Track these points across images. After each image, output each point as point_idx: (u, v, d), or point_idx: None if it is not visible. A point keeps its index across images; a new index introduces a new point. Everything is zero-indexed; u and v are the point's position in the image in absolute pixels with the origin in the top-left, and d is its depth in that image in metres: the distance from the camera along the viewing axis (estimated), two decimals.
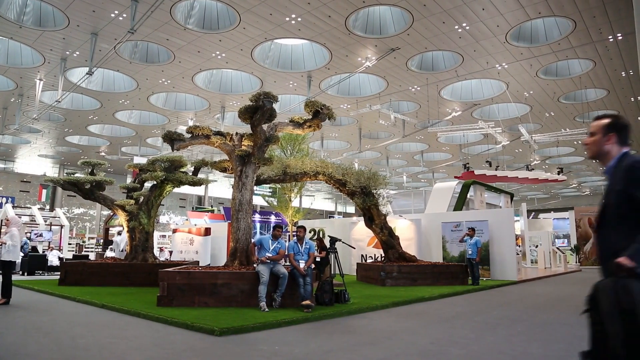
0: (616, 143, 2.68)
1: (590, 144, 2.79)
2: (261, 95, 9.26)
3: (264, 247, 8.42)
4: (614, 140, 2.67)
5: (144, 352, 5.15)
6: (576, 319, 7.54)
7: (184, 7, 15.70)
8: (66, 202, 41.92)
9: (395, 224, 16.01)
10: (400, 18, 16.18)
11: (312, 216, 50.58)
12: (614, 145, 2.67)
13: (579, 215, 27.35)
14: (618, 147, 2.68)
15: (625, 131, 2.70)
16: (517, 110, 24.79)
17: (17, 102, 23.38)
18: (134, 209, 13.48)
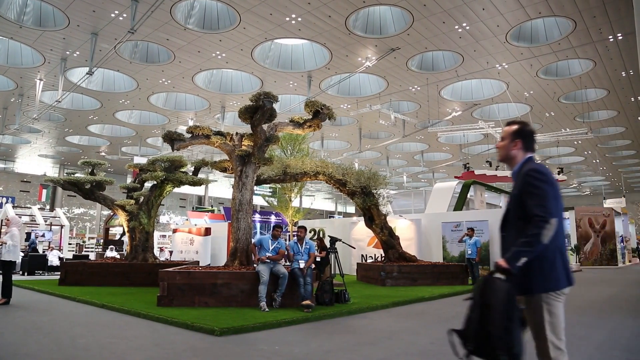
0: (521, 149, 2.90)
1: (500, 148, 3.00)
2: (261, 95, 9.26)
3: (264, 247, 8.44)
4: (520, 146, 2.90)
5: (144, 352, 5.15)
6: (576, 319, 7.54)
7: (184, 7, 15.70)
8: (66, 202, 41.93)
9: (396, 224, 16.00)
10: (400, 18, 16.18)
11: (312, 216, 50.56)
12: (519, 150, 2.90)
13: (579, 215, 27.33)
14: (523, 153, 2.90)
15: (530, 138, 2.92)
16: (517, 110, 24.79)
17: (17, 102, 23.39)
18: (134, 209, 13.48)
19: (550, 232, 2.58)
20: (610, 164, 39.21)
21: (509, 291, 2.53)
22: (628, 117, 25.79)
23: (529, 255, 2.57)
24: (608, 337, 6.14)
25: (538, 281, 2.65)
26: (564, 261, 2.71)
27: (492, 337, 2.47)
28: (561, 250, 2.72)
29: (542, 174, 2.71)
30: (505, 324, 2.48)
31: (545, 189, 2.67)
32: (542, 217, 2.59)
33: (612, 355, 5.14)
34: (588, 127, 24.84)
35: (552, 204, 2.65)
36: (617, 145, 32.87)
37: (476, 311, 2.58)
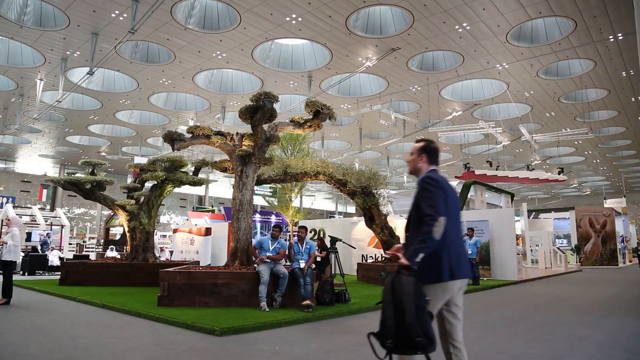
0: (426, 162, 3.32)
1: (409, 161, 3.44)
2: (262, 95, 9.25)
3: (264, 248, 8.44)
4: (425, 159, 3.32)
5: (145, 352, 5.15)
6: (577, 319, 7.54)
7: (185, 7, 15.70)
8: (67, 202, 41.95)
9: (396, 224, 15.99)
10: (400, 18, 16.18)
11: (313, 216, 50.55)
12: (424, 163, 3.32)
13: (579, 215, 27.32)
14: (428, 165, 3.31)
15: (434, 153, 3.35)
16: (518, 110, 24.78)
17: (17, 102, 23.40)
18: (134, 209, 13.48)
19: (440, 229, 2.91)
20: (611, 164, 39.20)
21: (415, 283, 2.81)
22: (628, 117, 25.78)
23: (426, 251, 2.88)
24: (608, 337, 6.13)
25: (425, 273, 2.95)
26: (450, 257, 3.02)
27: (408, 326, 2.71)
28: (449, 246, 3.03)
29: (435, 181, 3.12)
30: (417, 312, 2.74)
31: (435, 193, 3.05)
32: (432, 216, 2.93)
33: (613, 355, 5.14)
34: (588, 127, 24.82)
35: (441, 205, 2.99)
36: (617, 145, 32.86)
37: (389, 308, 2.82)
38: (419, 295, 2.80)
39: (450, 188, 3.19)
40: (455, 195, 3.23)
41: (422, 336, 2.71)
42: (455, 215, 3.16)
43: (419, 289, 2.82)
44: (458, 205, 3.26)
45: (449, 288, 3.03)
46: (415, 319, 2.73)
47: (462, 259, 3.14)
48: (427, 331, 2.74)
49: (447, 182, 3.21)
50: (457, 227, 3.17)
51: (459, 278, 3.06)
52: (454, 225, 3.11)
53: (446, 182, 3.19)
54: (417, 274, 2.86)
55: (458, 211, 3.22)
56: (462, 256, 3.15)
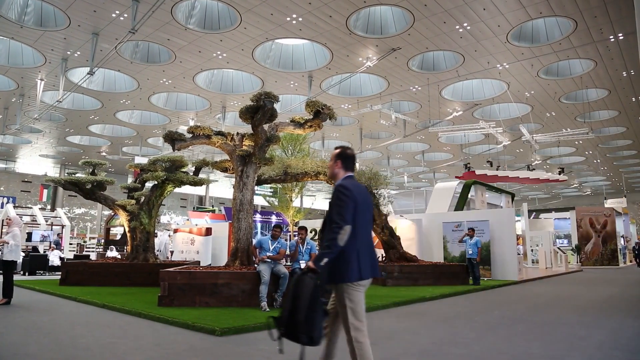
0: (342, 168, 3.53)
1: (329, 167, 3.69)
2: (262, 95, 9.25)
3: (264, 248, 8.44)
4: (340, 165, 3.53)
5: (145, 352, 5.15)
6: (577, 319, 7.53)
7: (185, 7, 15.71)
8: (67, 202, 41.97)
9: (396, 224, 16.01)
10: (401, 18, 16.17)
11: (313, 216, 50.53)
12: (340, 169, 3.53)
13: (580, 215, 27.32)
14: (344, 171, 3.53)
15: (349, 159, 3.55)
16: (518, 110, 24.77)
17: (18, 102, 23.41)
18: (135, 209, 13.48)
19: (344, 236, 3.21)
20: (611, 164, 39.18)
21: (314, 287, 3.11)
22: (629, 117, 25.77)
23: (330, 256, 3.18)
24: (609, 337, 6.13)
25: (337, 274, 3.25)
26: (358, 259, 3.29)
27: (297, 322, 3.07)
28: (358, 249, 3.30)
29: (347, 189, 3.34)
30: (308, 313, 3.06)
31: (345, 201, 3.28)
32: (338, 224, 3.22)
33: (613, 355, 5.13)
34: (589, 127, 24.81)
35: (348, 214, 3.26)
36: (618, 145, 32.85)
37: (289, 302, 3.15)
38: (315, 298, 3.10)
39: (362, 195, 3.42)
40: (366, 201, 3.48)
41: (305, 335, 3.09)
42: (365, 220, 3.43)
43: (316, 292, 3.12)
44: (370, 210, 3.52)
45: (361, 287, 3.32)
46: (304, 318, 3.08)
47: (369, 260, 3.40)
48: (311, 331, 3.11)
49: (360, 189, 3.47)
50: (366, 231, 3.47)
51: (367, 278, 3.34)
52: (363, 230, 3.40)
53: (359, 189, 3.44)
54: (328, 275, 3.22)
55: (368, 216, 3.49)
56: (368, 257, 3.40)
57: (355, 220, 3.30)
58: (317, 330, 3.14)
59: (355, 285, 3.28)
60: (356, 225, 3.30)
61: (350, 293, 3.26)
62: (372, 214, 3.62)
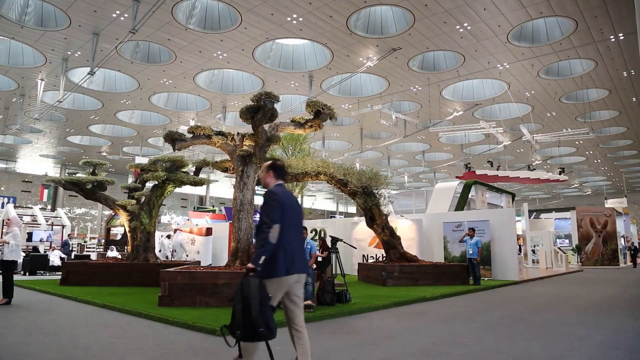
0: (274, 177, 3.98)
1: (261, 177, 4.11)
2: (262, 95, 9.26)
3: None
4: (272, 175, 3.98)
5: (145, 352, 5.16)
6: (577, 319, 7.53)
7: (185, 7, 15.71)
8: (68, 202, 41.98)
9: (397, 224, 16.00)
10: (401, 18, 16.17)
11: (314, 216, 50.59)
12: (272, 178, 3.98)
13: (580, 215, 27.30)
14: (275, 180, 3.98)
15: (279, 170, 4.02)
16: (519, 110, 24.76)
17: (18, 102, 23.41)
18: (135, 209, 13.49)
19: (275, 234, 3.61)
20: (612, 164, 39.17)
21: (260, 283, 3.46)
22: (629, 117, 25.76)
23: (266, 254, 3.54)
24: (609, 337, 6.13)
25: (265, 270, 3.57)
26: (285, 255, 3.68)
27: (253, 319, 3.36)
28: (285, 247, 3.69)
29: (275, 194, 3.80)
30: (260, 307, 3.39)
31: (272, 205, 3.71)
32: (267, 224, 3.61)
33: (614, 355, 5.13)
34: (589, 127, 24.79)
35: (276, 215, 3.66)
36: (618, 146, 32.84)
37: (239, 305, 3.46)
38: (263, 293, 3.46)
39: (289, 200, 3.86)
40: (293, 204, 3.91)
41: (264, 327, 3.37)
42: (293, 221, 3.83)
43: (262, 288, 3.49)
44: (298, 213, 3.94)
45: (285, 281, 3.69)
46: (259, 314, 3.38)
47: (297, 257, 3.80)
48: (268, 323, 3.41)
49: (288, 195, 3.91)
50: (293, 230, 3.83)
51: (294, 273, 3.72)
52: (291, 229, 3.78)
53: (286, 195, 3.88)
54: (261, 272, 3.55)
55: (296, 217, 3.90)
56: (296, 255, 3.80)
57: (282, 221, 3.70)
58: (271, 321, 3.46)
59: (281, 280, 3.67)
60: (283, 226, 3.70)
61: (270, 287, 3.61)
62: (301, 217, 4.04)
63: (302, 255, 3.94)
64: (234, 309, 3.51)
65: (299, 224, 3.98)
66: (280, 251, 3.67)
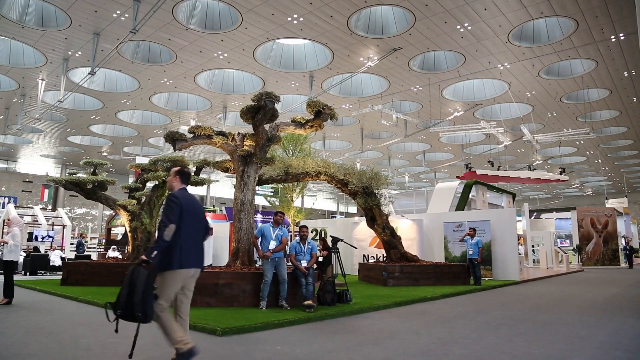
0: (179, 182, 4.44)
1: (168, 181, 4.62)
2: (263, 95, 9.25)
3: (266, 236, 8.33)
4: (178, 180, 4.43)
5: (146, 352, 5.16)
6: (578, 319, 7.53)
7: (186, 7, 15.72)
8: (68, 202, 41.98)
9: (397, 224, 15.99)
10: (402, 18, 16.17)
11: (314, 216, 50.56)
12: (178, 182, 4.43)
13: (581, 215, 27.28)
14: (179, 184, 4.43)
15: (185, 176, 4.48)
16: (519, 110, 24.76)
17: (19, 102, 23.44)
18: (136, 209, 13.49)
19: (170, 233, 4.05)
20: (612, 164, 39.15)
21: (148, 275, 3.92)
22: (630, 117, 25.75)
23: (158, 249, 4.01)
24: (610, 337, 6.13)
25: (162, 263, 4.08)
26: (180, 252, 4.14)
27: (134, 304, 3.82)
28: (181, 244, 4.15)
29: (176, 197, 4.25)
30: (143, 296, 3.84)
31: (172, 207, 4.16)
32: (165, 224, 4.08)
33: (615, 355, 5.13)
34: (590, 127, 24.80)
35: (174, 216, 4.12)
36: (619, 145, 32.84)
37: (126, 289, 3.87)
38: (148, 284, 3.91)
39: (189, 203, 4.30)
40: (194, 207, 4.36)
41: (141, 312, 3.84)
42: (191, 222, 4.28)
43: (149, 279, 3.93)
44: (198, 214, 4.40)
45: (179, 274, 4.15)
46: (140, 300, 3.83)
47: (192, 254, 4.28)
48: (146, 309, 3.87)
49: (189, 198, 4.36)
50: (192, 229, 4.28)
51: (187, 267, 4.21)
52: (189, 229, 4.23)
53: (187, 198, 4.33)
54: (157, 265, 4.04)
55: (195, 219, 4.34)
56: (192, 251, 4.27)
57: (180, 222, 4.15)
58: (149, 308, 3.91)
59: (173, 273, 4.12)
60: (181, 226, 4.15)
61: (167, 278, 4.09)
62: (201, 218, 4.49)
63: (199, 252, 4.43)
64: (121, 291, 3.90)
65: (199, 224, 4.41)
66: (176, 248, 4.12)
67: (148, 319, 3.94)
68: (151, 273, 3.99)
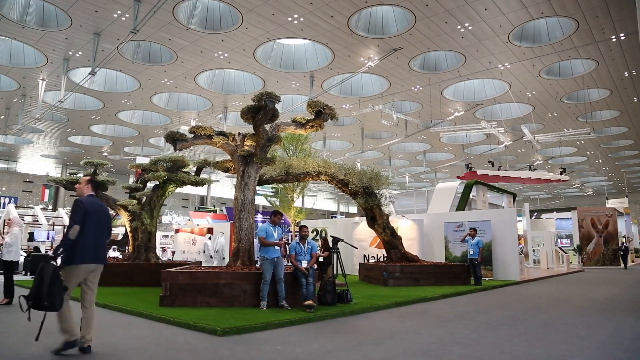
0: (90, 189, 5.21)
1: (78, 188, 5.28)
2: (263, 95, 9.26)
3: (270, 235, 8.39)
4: (89, 187, 5.22)
5: (146, 352, 5.16)
6: (579, 319, 7.52)
7: (187, 7, 15.72)
8: (69, 202, 41.92)
9: (398, 224, 15.99)
10: (402, 18, 16.17)
11: (315, 216, 50.58)
12: (88, 189, 5.20)
13: (581, 215, 27.25)
14: (89, 191, 5.19)
15: (95, 184, 5.32)
16: (520, 110, 24.75)
17: (19, 102, 23.45)
18: (136, 209, 13.49)
19: (74, 232, 4.76)
20: (613, 164, 39.13)
21: (54, 269, 4.63)
22: (631, 117, 25.74)
23: (63, 246, 4.77)
24: (611, 338, 6.12)
25: (66, 258, 4.83)
26: (83, 249, 4.84)
27: (42, 295, 4.50)
28: (83, 242, 4.85)
29: (81, 202, 4.94)
30: (49, 288, 4.53)
31: (77, 210, 4.87)
32: (70, 225, 4.81)
33: (615, 355, 5.12)
34: (591, 127, 24.79)
35: (79, 217, 4.83)
36: (619, 145, 32.83)
37: (36, 282, 4.56)
38: (55, 277, 4.59)
39: (93, 207, 5.01)
40: (98, 211, 5.08)
41: (48, 302, 4.52)
42: (95, 224, 4.98)
43: (56, 273, 4.62)
44: (102, 218, 5.11)
45: (80, 269, 4.90)
46: (47, 291, 4.51)
47: (93, 251, 4.94)
48: (53, 300, 4.55)
49: (94, 203, 5.07)
50: (94, 230, 4.97)
51: (88, 263, 4.92)
52: (92, 229, 4.93)
53: (92, 203, 5.04)
54: (63, 259, 4.79)
55: (98, 221, 5.03)
56: (92, 249, 4.93)
57: (84, 223, 4.83)
58: (57, 299, 4.58)
59: (73, 267, 4.84)
60: (85, 227, 4.83)
61: (69, 272, 4.83)
62: (105, 221, 5.17)
63: (100, 249, 5.10)
64: (33, 284, 4.58)
65: (103, 226, 5.11)
66: (79, 245, 4.82)
67: (55, 307, 4.63)
68: (57, 268, 4.67)
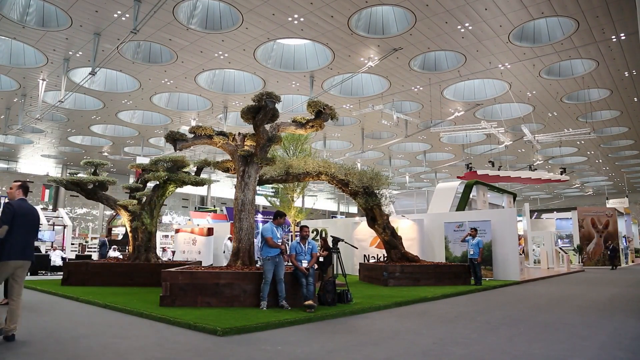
0: (20, 193, 5.77)
1: (8, 193, 5.83)
2: (264, 95, 9.26)
3: (274, 236, 8.39)
4: (21, 192, 5.78)
5: (147, 352, 5.16)
6: (579, 320, 7.52)
7: (187, 7, 15.72)
8: (69, 202, 42.03)
9: (398, 224, 15.99)
10: (402, 18, 16.17)
11: (315, 216, 50.58)
12: (19, 194, 5.77)
13: (581, 215, 27.25)
14: (20, 195, 5.76)
15: (25, 190, 5.85)
16: (520, 110, 24.75)
17: (20, 102, 23.45)
18: (136, 209, 13.49)
19: (3, 232, 5.33)
20: (613, 164, 39.13)
21: None
22: (631, 117, 25.74)
23: None
24: (611, 338, 6.12)
25: None
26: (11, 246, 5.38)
27: None
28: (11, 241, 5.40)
29: (11, 205, 5.53)
30: None
31: (6, 212, 5.44)
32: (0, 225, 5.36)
33: (616, 355, 5.12)
34: (591, 127, 24.79)
35: (7, 219, 5.41)
36: (620, 145, 32.82)
37: None
38: None
39: (22, 210, 5.59)
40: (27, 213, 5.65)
41: None
42: (24, 224, 5.56)
43: None
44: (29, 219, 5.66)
45: (8, 265, 5.39)
46: None
47: (20, 249, 5.46)
48: None
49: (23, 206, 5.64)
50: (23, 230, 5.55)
51: (15, 259, 5.42)
52: (20, 229, 5.51)
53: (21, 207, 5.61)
54: None
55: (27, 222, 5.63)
56: (20, 247, 5.46)
57: (12, 224, 5.40)
58: None
59: (5, 264, 5.35)
60: (13, 227, 5.41)
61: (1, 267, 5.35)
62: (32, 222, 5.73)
63: (28, 248, 5.61)
64: None
65: (31, 226, 5.70)
66: (7, 243, 5.35)
67: None
68: None
